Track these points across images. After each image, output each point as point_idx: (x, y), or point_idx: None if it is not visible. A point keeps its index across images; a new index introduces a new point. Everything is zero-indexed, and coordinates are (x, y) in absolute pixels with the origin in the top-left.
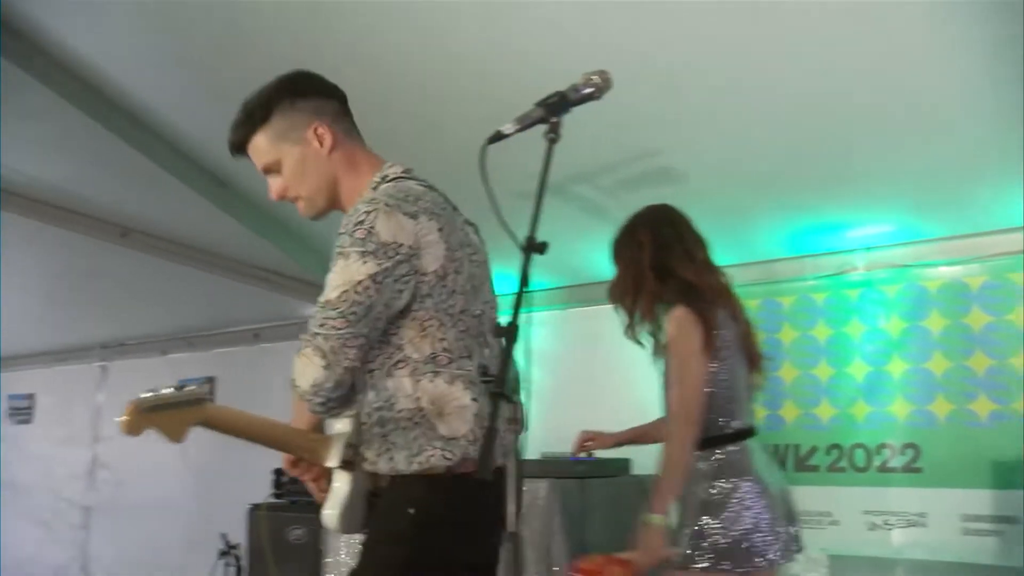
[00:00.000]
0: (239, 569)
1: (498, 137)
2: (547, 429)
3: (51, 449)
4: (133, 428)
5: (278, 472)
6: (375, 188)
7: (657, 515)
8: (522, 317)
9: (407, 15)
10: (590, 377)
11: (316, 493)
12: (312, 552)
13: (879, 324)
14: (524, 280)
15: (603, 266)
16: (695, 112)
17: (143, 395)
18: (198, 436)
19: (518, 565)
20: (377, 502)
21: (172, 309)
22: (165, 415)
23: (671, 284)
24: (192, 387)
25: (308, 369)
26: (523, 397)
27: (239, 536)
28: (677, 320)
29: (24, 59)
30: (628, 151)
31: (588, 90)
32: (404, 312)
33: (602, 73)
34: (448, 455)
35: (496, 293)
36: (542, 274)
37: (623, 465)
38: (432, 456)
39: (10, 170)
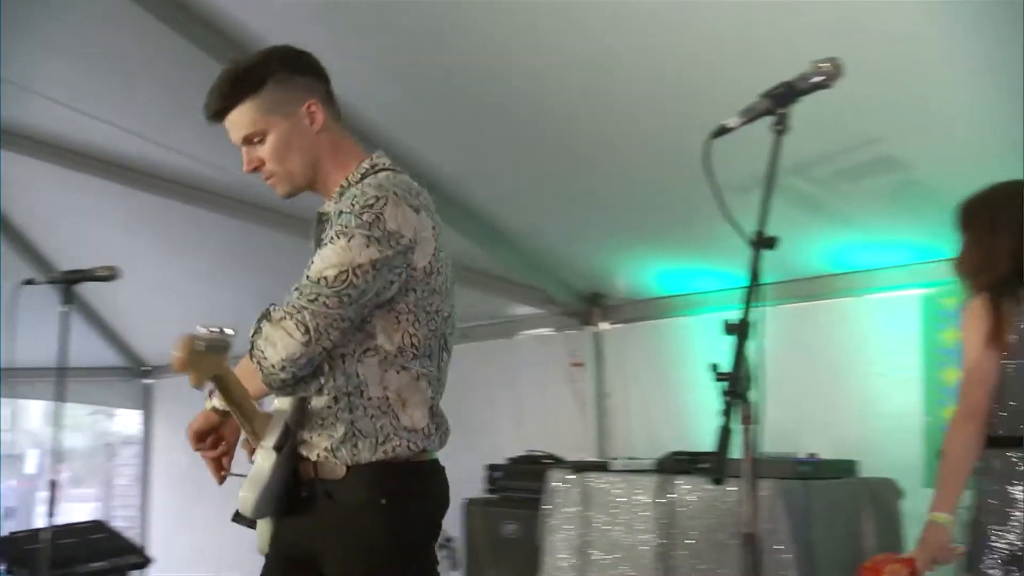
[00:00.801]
0: (455, 562)
1: (722, 131)
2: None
3: None
4: (187, 366)
5: (491, 468)
6: (372, 175)
7: (940, 513)
8: (753, 313)
9: (608, 14)
10: (801, 376)
11: (215, 473)
12: (527, 547)
13: None
14: (754, 276)
15: (816, 262)
16: (921, 97)
17: (199, 331)
18: None
19: (756, 566)
20: (334, 492)
21: None
22: (206, 358)
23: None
24: (229, 331)
25: (285, 341)
26: (755, 394)
27: (453, 529)
28: (969, 309)
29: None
30: (847, 139)
31: (818, 79)
32: (385, 303)
33: (833, 60)
34: (412, 445)
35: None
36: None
37: (849, 466)
38: (398, 446)
39: (211, 169)
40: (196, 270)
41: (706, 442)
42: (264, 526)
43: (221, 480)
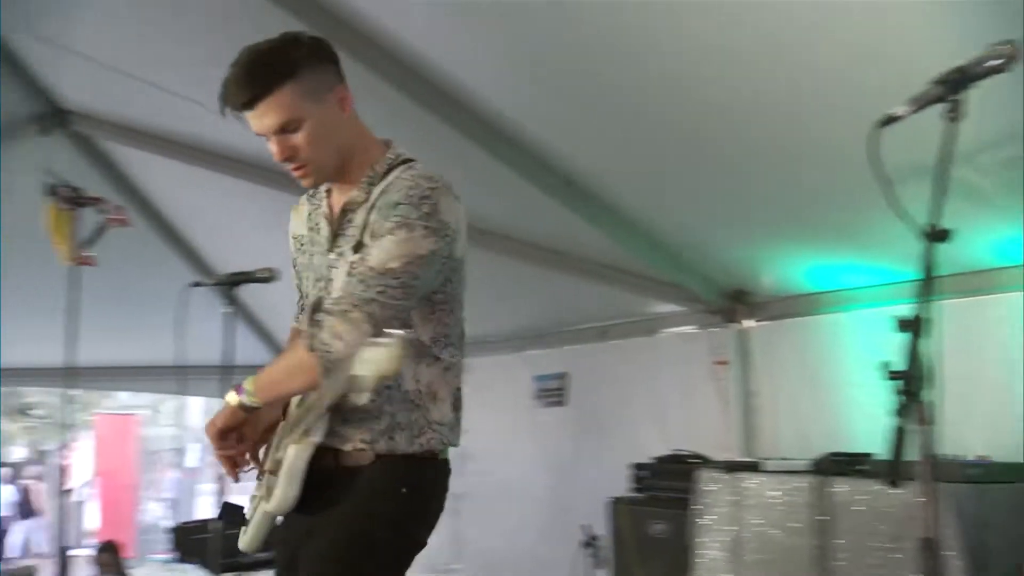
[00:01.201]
0: (599, 561)
1: (890, 120)
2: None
3: None
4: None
5: (637, 467)
6: (402, 164)
7: None
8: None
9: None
10: (967, 374)
11: (232, 471)
12: (676, 547)
13: None
14: (928, 270)
15: (983, 255)
16: None
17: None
18: (556, 429)
19: (935, 572)
20: (356, 477)
21: (526, 308)
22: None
23: None
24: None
25: (353, 335)
26: (931, 392)
27: (598, 528)
28: None
29: (369, 61)
30: (1013, 127)
31: (994, 62)
32: (426, 294)
33: (1011, 43)
34: (444, 439)
35: None
36: (907, 263)
37: (1022, 470)
38: (432, 439)
39: None
40: None
41: (859, 442)
42: (263, 523)
43: (237, 478)
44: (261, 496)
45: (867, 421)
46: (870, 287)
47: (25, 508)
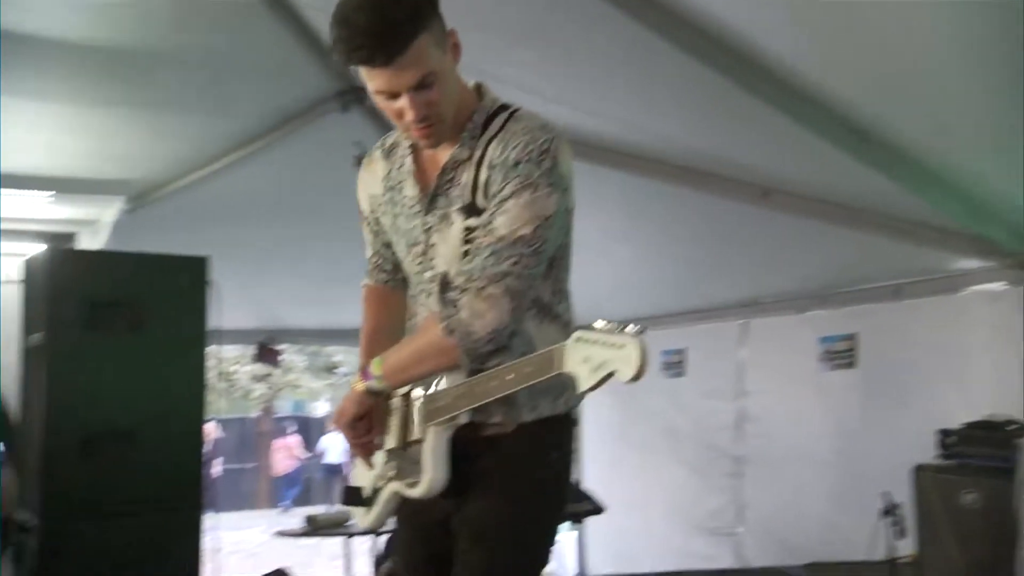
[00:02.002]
0: (902, 530)
1: None
2: None
3: (700, 401)
4: None
5: (943, 432)
6: (504, 112)
7: None
8: None
9: None
10: None
11: (366, 456)
12: (992, 518)
13: None
14: None
15: None
16: None
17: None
18: (844, 392)
19: None
20: (496, 451)
21: (809, 267)
22: None
23: None
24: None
25: (494, 313)
26: None
27: (899, 495)
28: None
29: (653, 22)
30: None
31: None
32: None
33: None
34: (578, 395)
35: None
36: None
37: None
38: (570, 398)
39: (646, 135)
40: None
41: None
42: (390, 503)
43: (372, 464)
44: (392, 477)
45: None
46: None
47: None
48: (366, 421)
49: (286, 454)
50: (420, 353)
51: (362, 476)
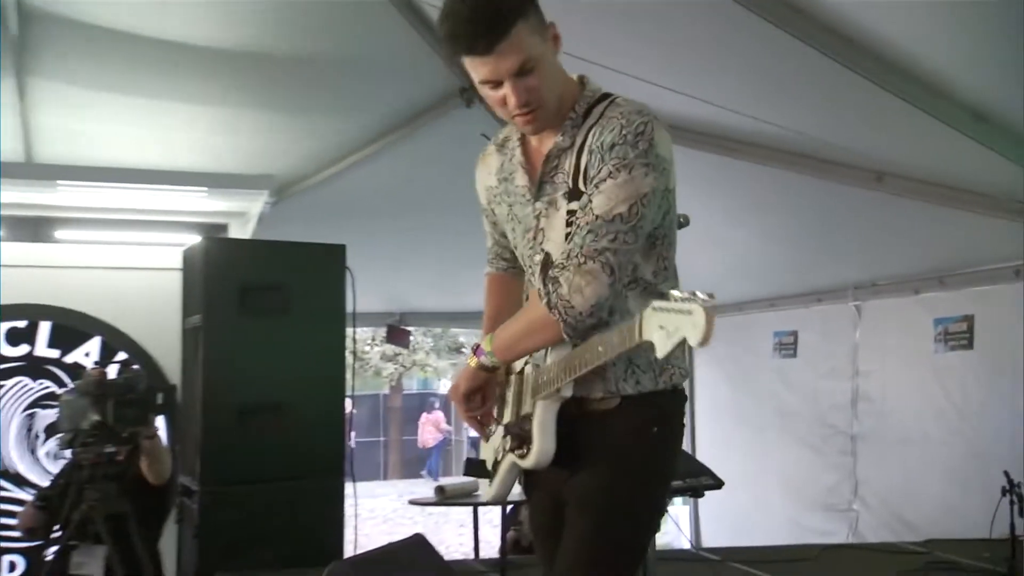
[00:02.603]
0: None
1: None
2: None
3: (814, 381)
4: None
5: None
6: (603, 99)
7: None
8: None
9: None
10: None
11: (481, 430)
12: None
13: None
14: None
15: None
16: None
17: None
18: (961, 373)
19: None
20: (605, 422)
21: (925, 249)
22: None
23: None
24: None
25: (593, 287)
26: None
27: (1016, 475)
28: None
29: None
30: None
31: None
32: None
33: None
34: (683, 372)
35: None
36: None
37: None
38: (674, 374)
39: (765, 125)
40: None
41: None
42: (510, 475)
43: (487, 436)
44: (508, 449)
45: None
46: None
47: None
48: (479, 396)
49: (432, 427)
50: (526, 328)
51: (487, 449)
